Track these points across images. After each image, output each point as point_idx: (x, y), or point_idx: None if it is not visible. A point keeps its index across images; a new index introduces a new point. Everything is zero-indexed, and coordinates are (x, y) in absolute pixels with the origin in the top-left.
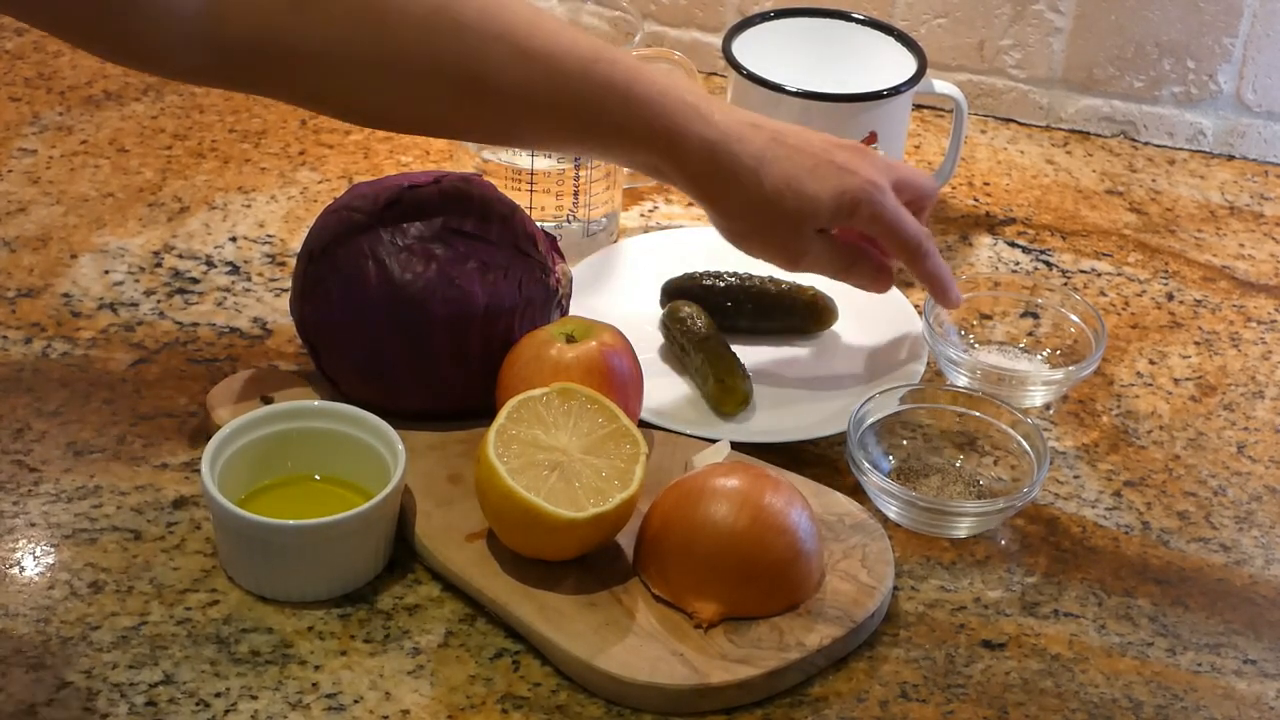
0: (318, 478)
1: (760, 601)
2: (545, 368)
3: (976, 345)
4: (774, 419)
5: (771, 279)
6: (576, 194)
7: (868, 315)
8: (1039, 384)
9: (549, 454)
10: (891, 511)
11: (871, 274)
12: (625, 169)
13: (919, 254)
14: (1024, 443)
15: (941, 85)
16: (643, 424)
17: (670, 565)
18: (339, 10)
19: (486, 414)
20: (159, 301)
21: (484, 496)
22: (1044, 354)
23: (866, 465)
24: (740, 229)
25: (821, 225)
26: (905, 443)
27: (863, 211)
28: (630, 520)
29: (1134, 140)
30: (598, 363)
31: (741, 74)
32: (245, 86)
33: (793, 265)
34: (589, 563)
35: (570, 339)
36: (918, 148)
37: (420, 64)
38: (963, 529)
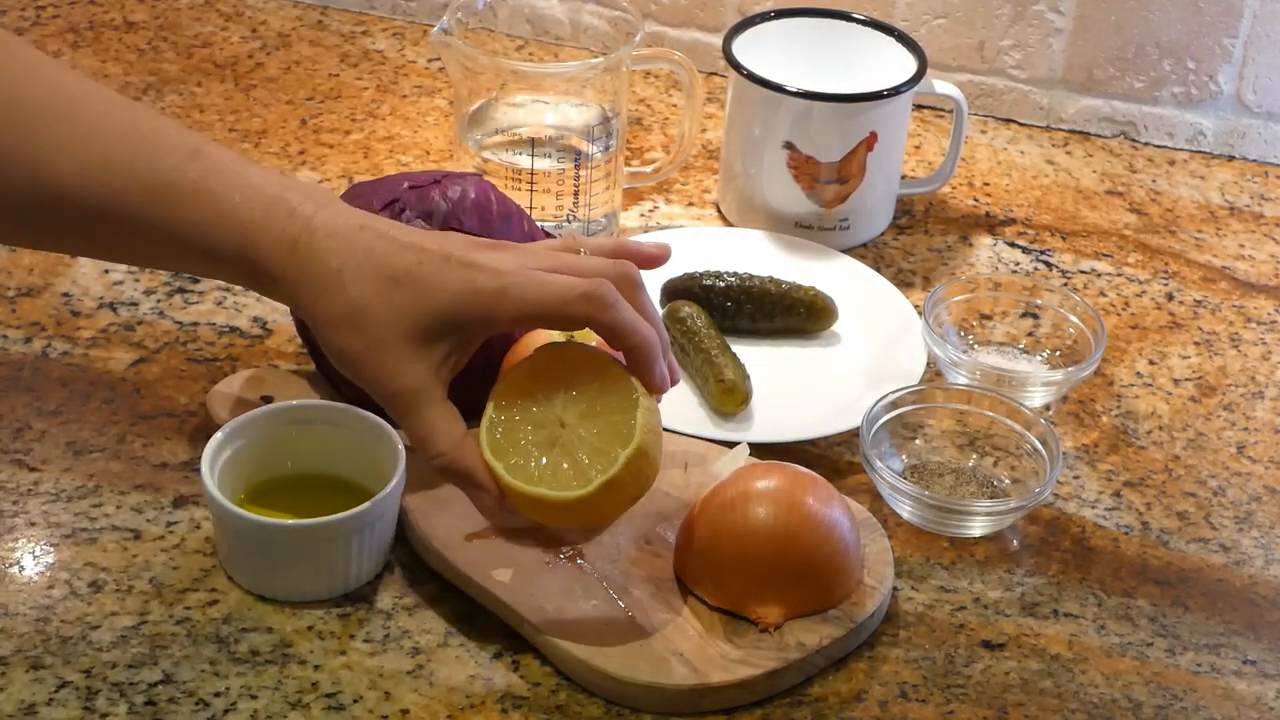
0: (317, 477)
1: (818, 597)
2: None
3: (976, 346)
4: (774, 419)
5: (772, 279)
6: (577, 194)
7: (868, 315)
8: (1038, 385)
9: (546, 431)
10: (904, 510)
11: (467, 484)
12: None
13: (585, 307)
14: (1036, 443)
15: (942, 85)
16: None
17: (727, 575)
18: None
19: None
20: (159, 301)
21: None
22: (1044, 354)
23: (879, 464)
24: (329, 346)
25: (428, 337)
26: (918, 442)
27: (488, 301)
28: (661, 524)
29: (1134, 141)
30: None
31: (742, 74)
32: None
33: (392, 406)
34: (589, 563)
35: (570, 337)
36: (918, 148)
37: None
38: (976, 528)
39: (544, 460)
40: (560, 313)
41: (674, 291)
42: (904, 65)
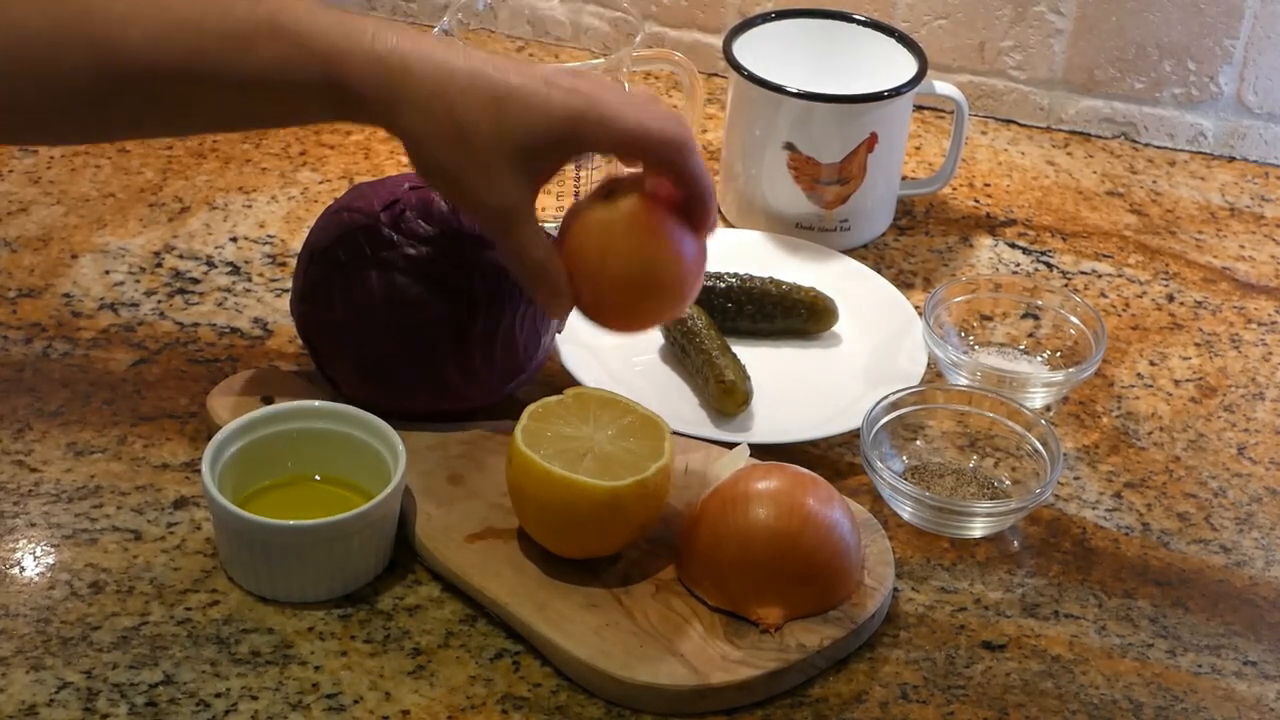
0: (318, 478)
1: (819, 598)
2: (593, 231)
3: (977, 346)
4: (774, 419)
5: (772, 280)
6: (577, 194)
7: (868, 316)
8: (1039, 385)
9: (578, 443)
10: (905, 512)
11: (552, 290)
12: None
13: (675, 150)
14: (1036, 444)
15: (942, 86)
16: None
17: (728, 576)
18: None
19: (487, 414)
20: (160, 302)
21: (522, 489)
22: (1044, 355)
23: (880, 465)
24: (427, 164)
25: (530, 155)
26: (918, 443)
27: (589, 124)
28: (661, 525)
29: (1135, 142)
30: (641, 215)
31: (742, 75)
32: None
33: (489, 222)
34: (589, 563)
35: (609, 194)
36: (918, 149)
37: (34, 27)
38: (977, 529)
39: (579, 461)
40: (653, 147)
41: None
42: (904, 66)
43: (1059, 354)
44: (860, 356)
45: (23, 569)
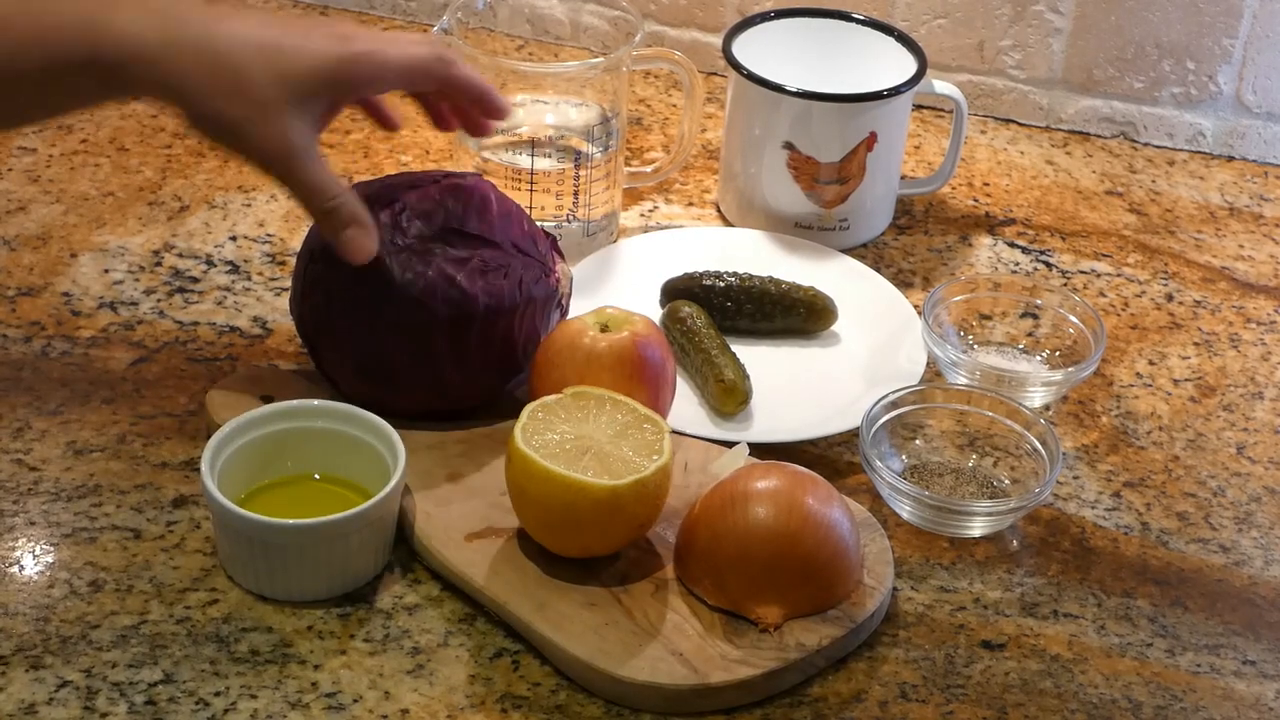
0: (317, 477)
1: (818, 597)
2: (578, 356)
3: (976, 346)
4: (774, 419)
5: (771, 279)
6: (576, 194)
7: (867, 316)
8: (1038, 385)
9: (578, 442)
10: (904, 511)
11: (348, 222)
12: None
13: (440, 66)
14: (1036, 443)
15: (941, 86)
16: None
17: (727, 575)
18: None
19: (487, 413)
20: (159, 300)
21: (522, 489)
22: (1043, 355)
23: (879, 464)
24: (201, 115)
25: (307, 96)
26: (918, 442)
27: (361, 64)
28: (660, 525)
29: (1134, 141)
30: (630, 353)
31: (742, 74)
32: None
33: (274, 165)
34: (589, 562)
35: (604, 328)
36: (918, 148)
37: None
38: (976, 528)
39: (578, 460)
40: (420, 70)
41: (674, 291)
42: (904, 65)
43: (1058, 353)
44: (859, 356)
45: (22, 568)
